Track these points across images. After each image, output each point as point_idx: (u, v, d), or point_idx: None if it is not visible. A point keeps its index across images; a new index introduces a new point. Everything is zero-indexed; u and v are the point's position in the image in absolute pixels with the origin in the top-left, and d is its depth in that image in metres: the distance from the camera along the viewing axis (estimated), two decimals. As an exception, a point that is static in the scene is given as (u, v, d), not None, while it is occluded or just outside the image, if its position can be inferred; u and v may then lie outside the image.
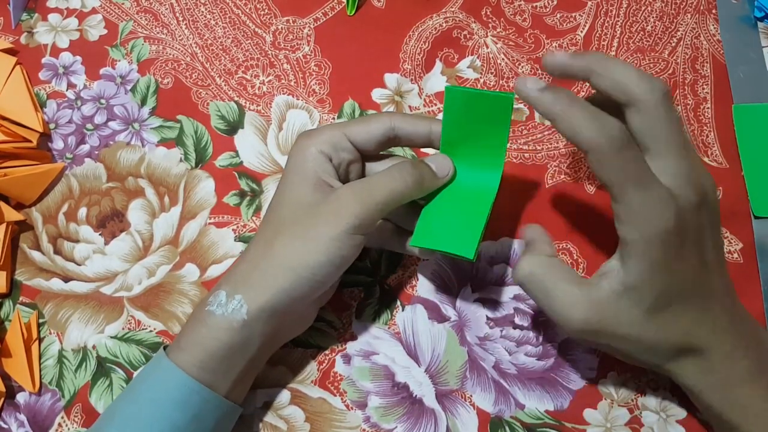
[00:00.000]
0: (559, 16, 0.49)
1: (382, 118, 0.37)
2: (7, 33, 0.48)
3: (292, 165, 0.36)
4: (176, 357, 0.34)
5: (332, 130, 0.36)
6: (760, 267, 0.43)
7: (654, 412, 0.40)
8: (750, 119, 0.46)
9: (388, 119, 0.37)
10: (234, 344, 0.34)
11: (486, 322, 0.42)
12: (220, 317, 0.34)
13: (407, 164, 0.36)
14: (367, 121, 0.37)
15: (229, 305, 0.34)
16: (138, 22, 0.49)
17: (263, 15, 0.49)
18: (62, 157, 0.45)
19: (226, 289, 0.34)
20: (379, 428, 0.40)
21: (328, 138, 0.36)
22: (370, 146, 0.37)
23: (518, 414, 0.40)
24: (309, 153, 0.36)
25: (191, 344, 0.34)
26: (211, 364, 0.34)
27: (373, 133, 0.37)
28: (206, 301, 0.35)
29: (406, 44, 0.48)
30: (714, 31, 0.49)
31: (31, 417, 0.40)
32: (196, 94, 0.47)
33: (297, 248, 0.34)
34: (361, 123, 0.37)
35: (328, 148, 0.36)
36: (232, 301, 0.34)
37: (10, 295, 0.43)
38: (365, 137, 0.37)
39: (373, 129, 0.37)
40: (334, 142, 0.36)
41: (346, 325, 0.42)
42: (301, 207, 0.35)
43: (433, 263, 0.43)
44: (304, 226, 0.34)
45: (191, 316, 0.36)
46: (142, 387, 0.34)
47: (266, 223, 0.36)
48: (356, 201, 0.34)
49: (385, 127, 0.37)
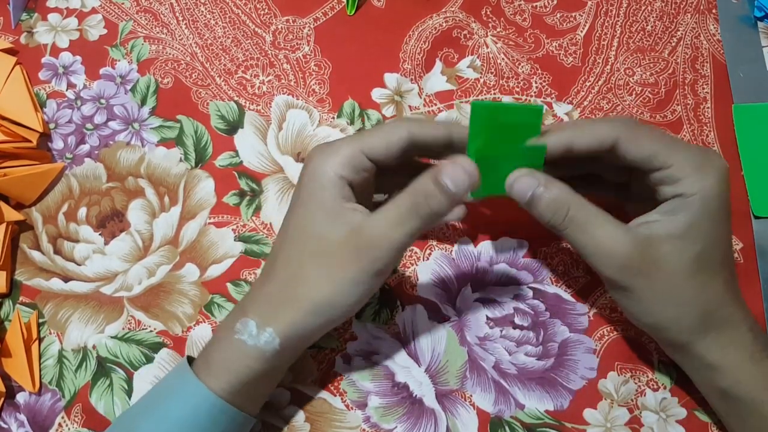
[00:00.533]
0: (559, 15, 0.49)
1: (400, 129, 0.34)
2: (7, 33, 0.48)
3: (308, 192, 0.34)
4: (205, 377, 0.34)
5: (350, 148, 0.34)
6: (760, 267, 0.43)
7: (654, 412, 0.40)
8: (750, 119, 0.46)
9: (406, 129, 0.34)
10: (265, 372, 0.34)
11: (486, 322, 0.42)
12: (252, 347, 0.34)
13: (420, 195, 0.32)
14: (385, 133, 0.34)
15: (261, 337, 0.34)
16: (138, 21, 0.49)
17: (263, 15, 0.49)
18: (62, 157, 0.45)
19: (254, 319, 0.34)
20: (379, 428, 0.40)
21: (348, 160, 0.34)
22: (389, 160, 0.35)
23: (518, 414, 0.40)
24: (328, 179, 0.33)
25: (220, 368, 0.34)
26: (240, 388, 0.34)
27: (392, 148, 0.34)
28: (232, 327, 0.34)
29: (406, 44, 0.48)
30: (714, 31, 0.49)
31: (31, 417, 0.40)
32: (196, 93, 0.47)
33: (324, 290, 0.33)
34: (380, 135, 0.34)
35: (349, 171, 0.34)
36: (264, 334, 0.34)
37: (10, 295, 0.43)
38: (385, 152, 0.34)
39: (394, 142, 0.34)
40: (354, 164, 0.34)
41: (346, 325, 0.42)
42: (322, 241, 0.33)
43: (433, 263, 0.43)
44: (330, 267, 0.33)
45: (217, 338, 0.35)
46: (167, 404, 0.34)
47: (286, 256, 0.35)
48: (382, 246, 0.32)
49: (405, 139, 0.34)
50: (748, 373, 0.34)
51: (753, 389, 0.33)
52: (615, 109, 0.46)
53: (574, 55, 0.48)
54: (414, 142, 0.34)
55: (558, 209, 0.33)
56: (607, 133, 0.33)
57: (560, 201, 0.33)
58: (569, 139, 0.34)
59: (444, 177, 0.32)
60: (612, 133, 0.33)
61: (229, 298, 0.42)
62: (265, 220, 0.44)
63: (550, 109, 0.46)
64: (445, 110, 0.46)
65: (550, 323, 0.41)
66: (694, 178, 0.32)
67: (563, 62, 0.48)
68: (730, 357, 0.34)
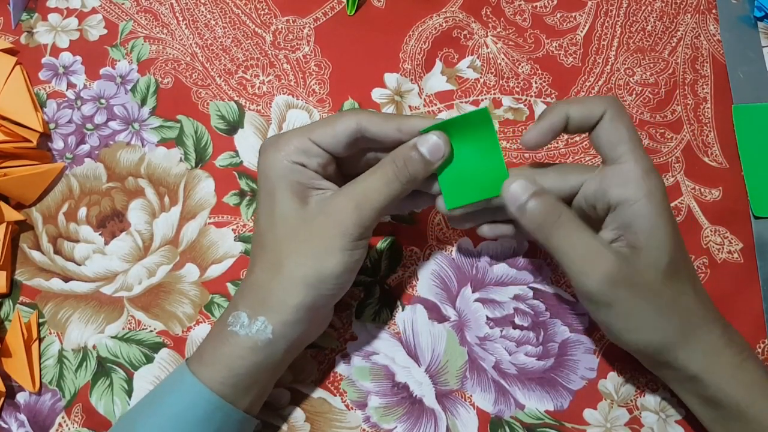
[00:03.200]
0: (559, 15, 0.49)
1: (347, 119, 0.35)
2: (7, 33, 0.48)
3: (270, 181, 0.35)
4: (199, 373, 0.34)
5: (298, 138, 0.35)
6: (760, 267, 0.43)
7: (653, 412, 0.40)
8: (750, 119, 0.46)
9: (354, 119, 0.35)
10: (259, 362, 0.34)
11: (486, 322, 0.42)
12: (244, 337, 0.34)
13: (399, 160, 0.34)
14: (332, 123, 0.35)
15: (253, 326, 0.34)
16: (138, 21, 0.49)
17: (263, 15, 0.49)
18: (62, 157, 0.45)
19: (245, 311, 0.34)
20: (379, 428, 0.40)
21: (296, 147, 0.35)
22: (338, 149, 0.35)
23: (518, 414, 0.40)
24: (282, 166, 0.35)
25: (215, 362, 0.34)
26: (234, 381, 0.34)
27: (339, 137, 0.35)
28: (225, 322, 0.35)
29: (406, 44, 0.48)
30: (714, 31, 0.49)
31: (31, 417, 0.40)
32: (196, 93, 0.47)
33: (309, 264, 0.34)
34: (326, 125, 0.35)
35: (299, 156, 0.35)
36: (256, 323, 0.34)
37: (10, 295, 0.43)
38: (331, 141, 0.35)
39: (339, 131, 0.35)
40: (303, 149, 0.35)
41: (346, 325, 0.42)
42: (297, 223, 0.34)
43: (433, 263, 0.43)
44: (310, 243, 0.34)
45: (211, 335, 0.36)
46: (164, 401, 0.34)
47: (262, 245, 0.35)
48: (355, 210, 0.33)
49: (350, 129, 0.35)
50: (730, 378, 0.34)
51: (736, 394, 0.34)
52: (615, 109, 0.46)
53: (574, 55, 0.48)
54: (363, 133, 0.35)
55: (542, 224, 0.34)
56: (599, 105, 0.34)
57: (546, 209, 0.34)
58: (565, 110, 0.35)
59: (421, 145, 0.34)
60: (602, 105, 0.34)
61: (229, 298, 0.42)
62: (265, 220, 0.44)
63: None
64: (446, 110, 0.46)
65: (550, 323, 0.41)
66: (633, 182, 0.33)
67: (563, 62, 0.48)
68: (711, 364, 0.34)
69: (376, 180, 0.34)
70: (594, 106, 0.34)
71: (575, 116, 0.35)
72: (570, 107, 0.35)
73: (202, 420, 0.33)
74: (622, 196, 0.33)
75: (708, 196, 0.44)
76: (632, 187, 0.33)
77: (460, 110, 0.46)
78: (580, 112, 0.34)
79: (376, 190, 0.34)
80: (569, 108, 0.35)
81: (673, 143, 0.46)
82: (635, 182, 0.33)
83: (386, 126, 0.35)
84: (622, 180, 0.33)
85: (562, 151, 0.45)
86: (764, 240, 0.43)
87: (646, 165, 0.34)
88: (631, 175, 0.33)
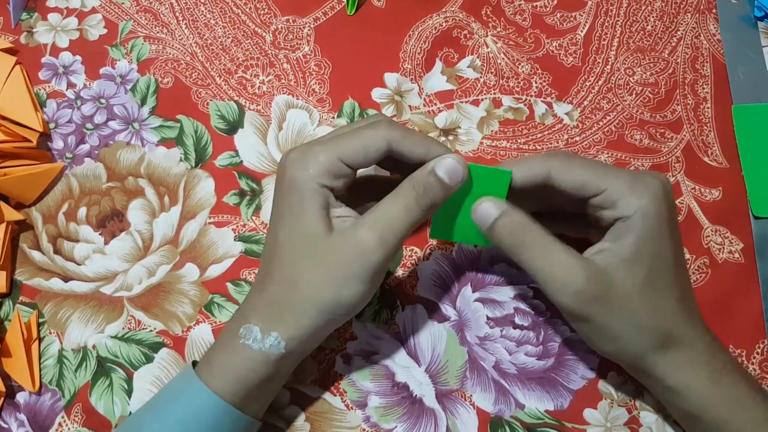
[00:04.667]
0: (559, 15, 0.49)
1: (378, 137, 0.34)
2: (7, 33, 0.48)
3: (297, 198, 0.34)
4: (209, 382, 0.34)
5: (327, 156, 0.34)
6: (760, 267, 0.43)
7: (653, 412, 0.40)
8: (750, 119, 0.46)
9: (385, 138, 0.34)
10: (270, 374, 0.35)
11: (486, 322, 0.42)
12: (257, 352, 0.34)
13: (419, 187, 0.34)
14: (362, 141, 0.34)
15: (266, 341, 0.34)
16: (138, 21, 0.49)
17: (263, 14, 0.49)
18: (62, 157, 0.45)
19: (257, 324, 0.34)
20: (379, 428, 0.40)
21: (326, 169, 0.34)
22: (366, 165, 0.35)
23: (518, 414, 0.40)
24: (311, 187, 0.34)
25: (225, 372, 0.34)
26: (245, 393, 0.34)
27: (370, 156, 0.34)
28: (235, 333, 0.34)
29: (406, 44, 0.48)
30: (714, 31, 0.49)
31: (31, 417, 0.40)
32: (196, 93, 0.47)
33: (326, 290, 0.33)
34: (356, 142, 0.34)
35: (328, 179, 0.34)
36: (269, 338, 0.34)
37: (10, 294, 0.43)
38: (362, 159, 0.34)
39: (371, 151, 0.34)
40: (333, 172, 0.34)
41: (346, 325, 0.42)
42: (320, 247, 0.33)
43: (433, 263, 0.43)
44: (330, 269, 0.33)
45: (221, 344, 0.35)
46: (171, 406, 0.34)
47: (280, 260, 0.34)
48: (379, 242, 0.33)
49: (382, 149, 0.34)
50: (708, 393, 0.34)
51: (713, 409, 0.34)
52: (615, 108, 0.46)
53: (575, 55, 0.48)
54: (391, 151, 0.34)
55: (514, 238, 0.34)
56: (540, 166, 0.34)
57: (517, 227, 0.34)
58: None
59: (438, 169, 0.34)
60: (545, 166, 0.34)
61: (229, 297, 0.42)
62: (265, 219, 0.44)
63: (551, 109, 0.46)
64: (445, 110, 0.46)
65: (551, 323, 0.41)
66: (629, 198, 0.33)
67: (563, 62, 0.48)
68: (688, 378, 0.34)
69: (398, 209, 0.33)
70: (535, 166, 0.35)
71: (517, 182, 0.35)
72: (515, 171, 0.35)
73: (211, 426, 0.33)
74: (615, 215, 0.34)
75: (708, 196, 0.44)
76: (621, 206, 0.33)
77: (460, 110, 0.46)
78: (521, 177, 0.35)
79: (398, 219, 0.33)
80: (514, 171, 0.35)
81: (673, 143, 0.46)
82: (624, 200, 0.33)
83: (416, 149, 0.34)
84: (611, 202, 0.34)
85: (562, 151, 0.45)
86: (764, 240, 0.43)
87: (628, 182, 0.33)
88: (615, 196, 0.33)
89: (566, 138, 0.46)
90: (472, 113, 0.46)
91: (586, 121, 0.46)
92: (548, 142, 0.46)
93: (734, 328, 0.41)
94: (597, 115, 0.46)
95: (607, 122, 0.46)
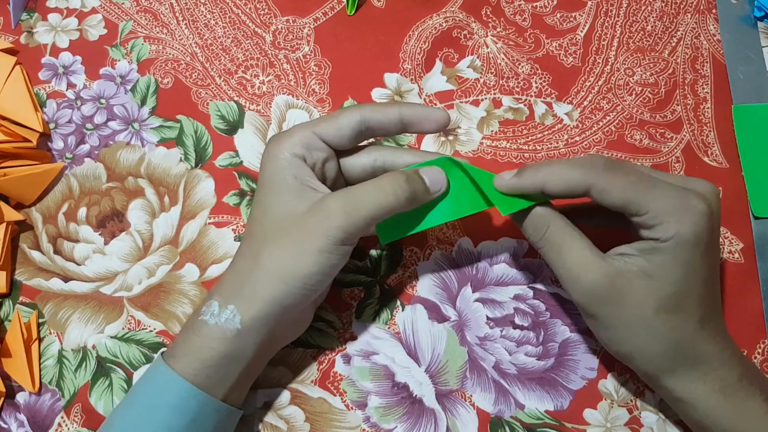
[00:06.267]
0: (559, 15, 0.49)
1: (351, 113, 0.36)
2: (7, 33, 0.48)
3: (269, 173, 0.35)
4: (172, 363, 0.34)
5: (302, 131, 0.36)
6: (760, 267, 0.43)
7: (653, 412, 0.40)
8: (750, 119, 0.46)
9: (357, 112, 0.36)
10: (228, 353, 0.34)
11: (486, 322, 0.42)
12: (213, 327, 0.34)
13: (400, 178, 0.34)
14: (336, 117, 0.36)
15: (222, 315, 0.34)
16: (138, 21, 0.49)
17: (263, 15, 0.49)
18: (62, 157, 0.45)
19: (217, 299, 0.34)
20: (379, 428, 0.40)
21: (299, 140, 0.35)
22: (343, 142, 0.36)
23: (518, 414, 0.40)
24: (283, 158, 0.35)
25: (185, 352, 0.34)
26: (205, 372, 0.34)
27: (343, 129, 0.36)
28: (199, 311, 0.35)
29: (406, 44, 0.48)
30: (714, 31, 0.49)
31: (31, 417, 0.40)
32: (196, 93, 0.47)
33: (286, 260, 0.34)
34: (331, 119, 0.36)
35: (301, 149, 0.35)
36: (225, 312, 0.34)
37: (10, 295, 0.43)
38: (336, 134, 0.36)
39: (343, 125, 0.36)
40: (306, 143, 0.35)
41: (346, 325, 0.42)
42: (286, 217, 0.34)
43: (433, 263, 0.43)
44: (292, 238, 0.34)
45: (185, 325, 0.36)
46: (139, 392, 0.35)
47: (251, 234, 0.36)
48: (343, 214, 0.33)
49: (354, 121, 0.36)
50: (719, 406, 0.34)
51: (724, 421, 0.33)
52: (615, 109, 0.46)
53: (574, 55, 0.48)
54: (367, 124, 0.36)
55: (538, 227, 0.35)
56: (580, 181, 0.33)
57: (541, 219, 0.35)
58: (542, 181, 0.34)
59: (423, 173, 0.36)
60: (584, 182, 0.33)
61: (229, 298, 0.42)
62: (265, 220, 0.44)
63: (551, 109, 0.46)
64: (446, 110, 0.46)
65: (551, 323, 0.41)
66: (669, 224, 0.32)
67: (563, 62, 0.48)
68: (698, 392, 0.34)
69: (371, 189, 0.34)
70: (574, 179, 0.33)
71: (552, 190, 0.34)
72: (547, 180, 0.34)
73: (176, 408, 0.33)
74: (651, 235, 0.33)
75: (708, 196, 0.44)
76: (660, 230, 0.32)
77: (460, 110, 0.46)
78: (557, 187, 0.34)
79: (368, 198, 0.34)
80: (546, 181, 0.34)
81: (673, 143, 0.46)
82: (664, 225, 0.32)
83: (389, 112, 0.36)
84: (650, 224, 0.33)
85: (563, 151, 0.45)
86: (764, 240, 0.43)
87: (672, 205, 0.32)
88: (655, 220, 0.32)
89: (566, 138, 0.46)
90: (472, 113, 0.46)
91: (586, 121, 0.46)
92: (548, 143, 0.46)
93: (734, 328, 0.41)
94: (597, 116, 0.46)
95: (607, 122, 0.46)
